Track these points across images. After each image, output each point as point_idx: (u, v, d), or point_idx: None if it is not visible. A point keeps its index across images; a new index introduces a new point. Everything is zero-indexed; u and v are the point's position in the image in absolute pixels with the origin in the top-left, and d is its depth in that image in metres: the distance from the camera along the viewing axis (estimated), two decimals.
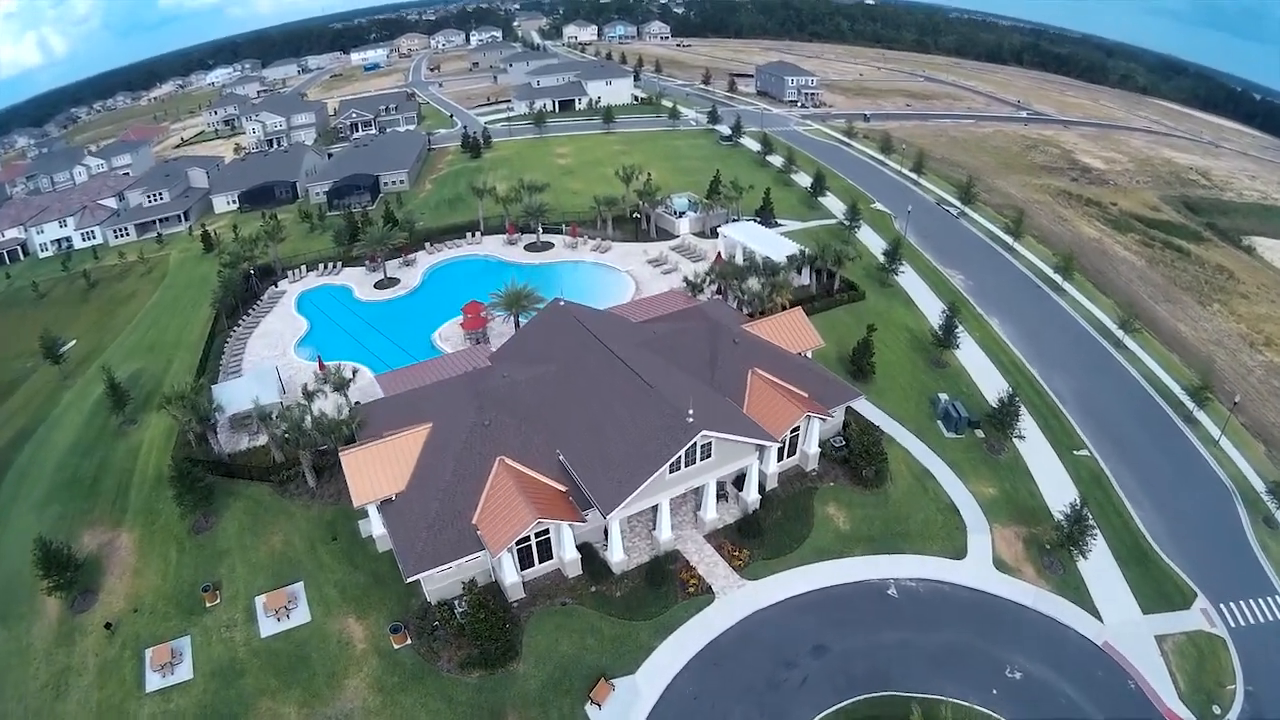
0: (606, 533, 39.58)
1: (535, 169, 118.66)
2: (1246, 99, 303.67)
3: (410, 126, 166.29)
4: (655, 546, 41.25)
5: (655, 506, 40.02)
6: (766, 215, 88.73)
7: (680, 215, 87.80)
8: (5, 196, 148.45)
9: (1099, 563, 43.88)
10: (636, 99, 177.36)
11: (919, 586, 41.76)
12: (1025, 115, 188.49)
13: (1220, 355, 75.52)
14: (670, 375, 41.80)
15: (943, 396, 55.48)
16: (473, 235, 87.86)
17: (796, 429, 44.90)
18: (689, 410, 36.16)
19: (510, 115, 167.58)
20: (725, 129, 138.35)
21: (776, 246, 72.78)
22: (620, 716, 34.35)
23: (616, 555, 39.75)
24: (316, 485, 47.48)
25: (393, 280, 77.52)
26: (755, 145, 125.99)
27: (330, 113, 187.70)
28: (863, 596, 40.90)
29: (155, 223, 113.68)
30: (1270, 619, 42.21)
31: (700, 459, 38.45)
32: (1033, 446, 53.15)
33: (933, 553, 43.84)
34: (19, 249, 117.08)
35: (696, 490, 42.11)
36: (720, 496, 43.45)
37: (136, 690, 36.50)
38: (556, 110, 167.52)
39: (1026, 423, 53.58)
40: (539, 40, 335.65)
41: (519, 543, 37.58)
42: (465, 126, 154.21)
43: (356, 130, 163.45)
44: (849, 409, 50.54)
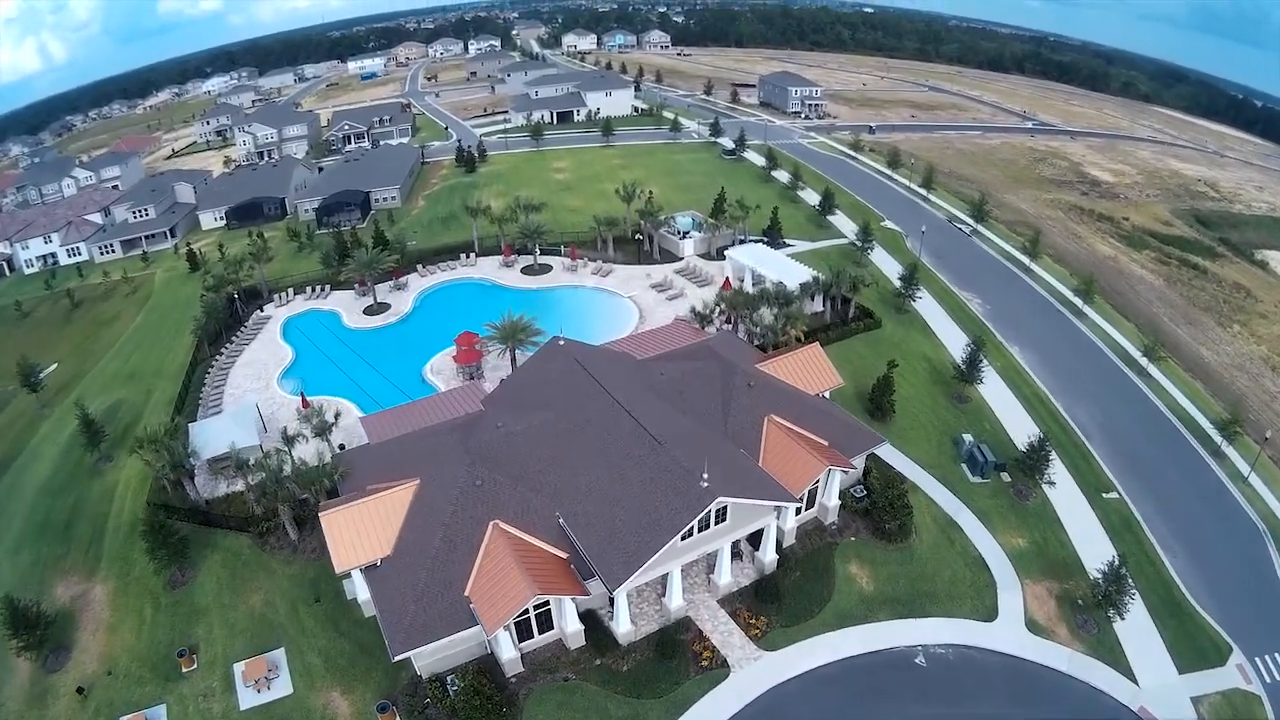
0: (612, 600, 36.24)
1: (532, 185, 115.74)
2: (1247, 106, 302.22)
3: (404, 139, 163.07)
4: (665, 614, 37.84)
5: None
6: (774, 235, 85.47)
7: (684, 236, 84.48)
8: None
9: (1133, 618, 40.90)
10: (637, 110, 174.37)
11: (949, 653, 38.57)
12: (1031, 126, 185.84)
13: (1242, 381, 72.80)
14: (680, 428, 38.48)
15: (967, 438, 52.17)
16: (467, 256, 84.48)
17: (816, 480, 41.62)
18: (703, 473, 32.80)
19: (507, 127, 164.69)
20: (728, 142, 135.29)
21: (788, 271, 69.58)
22: None
23: (623, 626, 36.36)
24: (298, 538, 44.37)
25: (383, 306, 74.15)
26: (759, 159, 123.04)
27: (323, 124, 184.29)
28: (890, 666, 37.71)
29: (141, 240, 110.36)
30: None
31: (715, 523, 35.12)
32: (1061, 489, 49.96)
33: (962, 614, 40.68)
34: (4, 265, 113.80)
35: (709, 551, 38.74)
36: (735, 555, 40.11)
37: None
38: (555, 122, 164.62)
39: (1054, 463, 50.37)
40: (538, 49, 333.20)
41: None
42: (460, 139, 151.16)
43: (349, 143, 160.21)
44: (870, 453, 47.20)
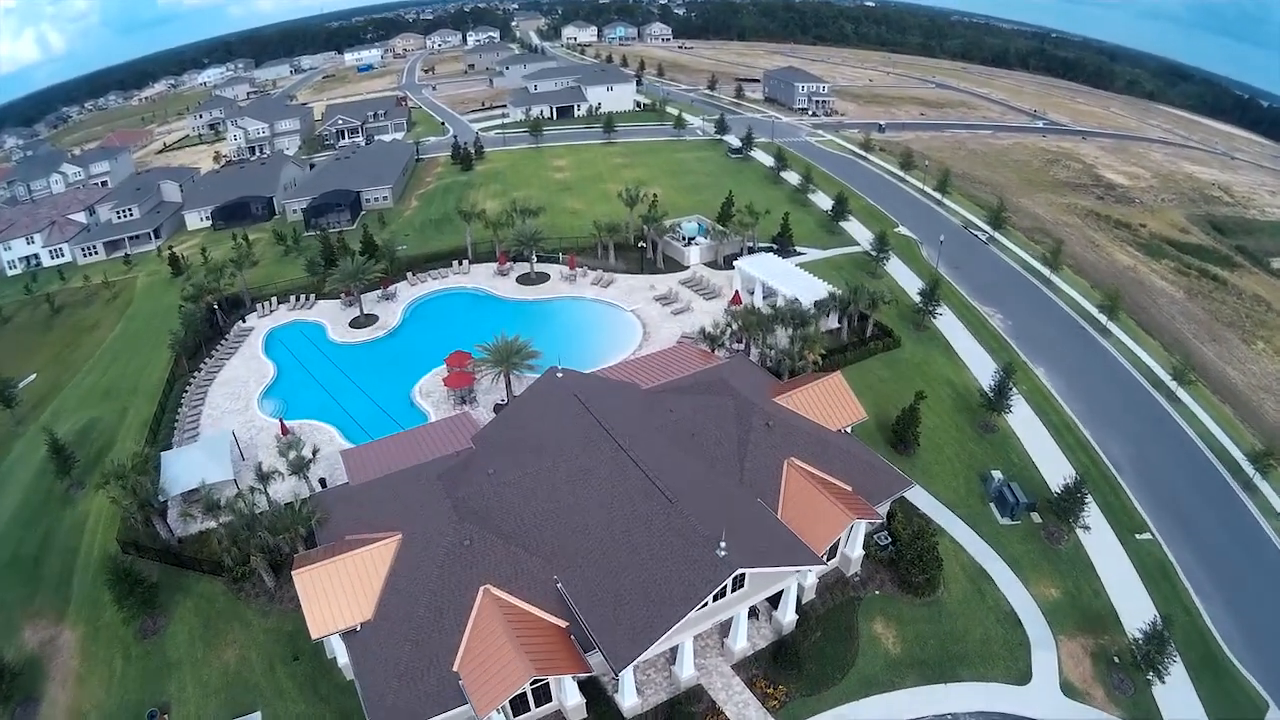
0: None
1: (530, 184, 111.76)
2: (1253, 106, 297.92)
3: (399, 134, 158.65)
4: (675, 684, 34.28)
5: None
6: (784, 243, 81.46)
7: (690, 243, 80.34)
8: None
9: (1170, 675, 37.66)
10: (639, 105, 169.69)
11: None
12: (1042, 126, 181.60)
13: (1270, 404, 69.50)
14: (693, 478, 34.82)
15: (996, 475, 48.51)
16: (460, 264, 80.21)
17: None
18: (720, 541, 29.17)
19: (505, 122, 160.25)
20: (735, 140, 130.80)
21: (802, 285, 65.31)
22: None
23: (629, 699, 32.84)
24: (275, 585, 40.84)
25: (370, 318, 70.10)
26: (767, 159, 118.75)
27: (317, 118, 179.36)
28: None
29: (125, 241, 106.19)
30: None
31: (732, 590, 31.53)
32: (1093, 530, 46.55)
33: (995, 678, 37.40)
34: None
35: None
36: (751, 614, 36.50)
37: None
38: (554, 117, 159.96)
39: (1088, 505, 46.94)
40: (537, 41, 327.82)
41: None
42: (456, 135, 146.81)
43: (343, 138, 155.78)
44: None
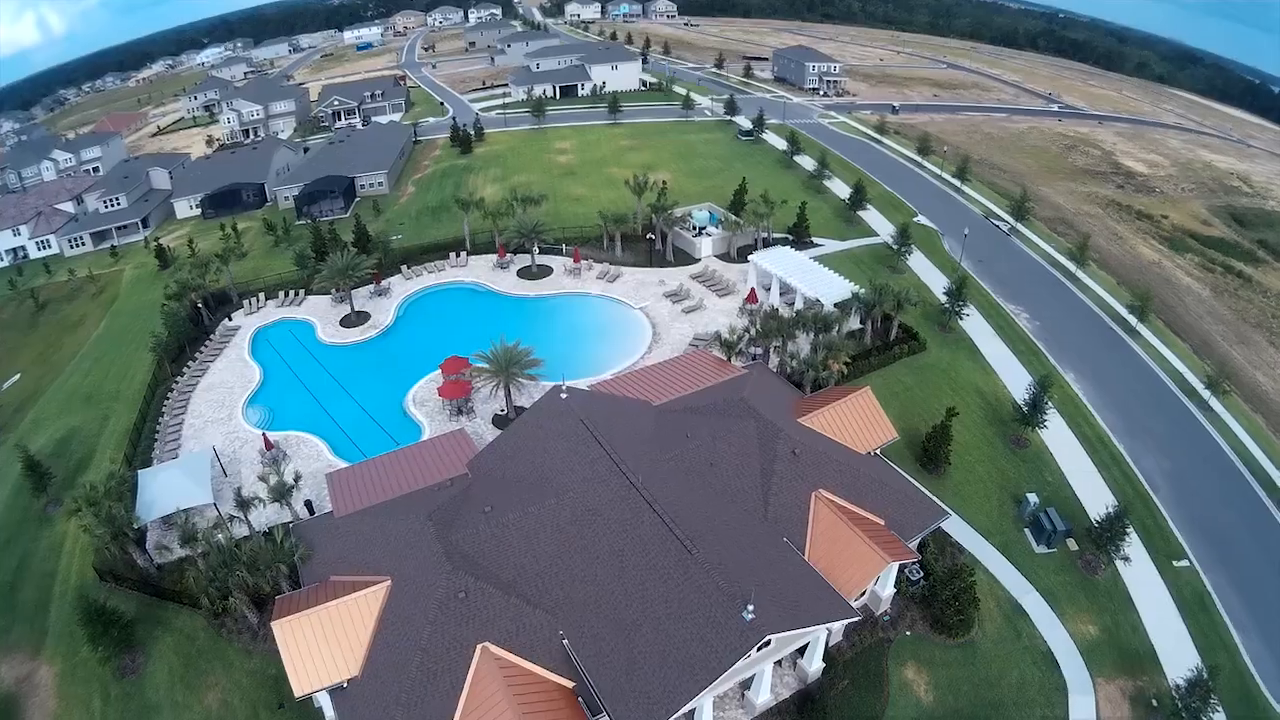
0: None
1: (532, 169, 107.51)
2: (1263, 91, 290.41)
3: (397, 115, 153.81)
4: None
5: None
6: (801, 235, 77.23)
7: (701, 233, 76.17)
8: None
9: None
10: (645, 85, 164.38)
11: None
12: (1058, 109, 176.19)
13: None
14: (712, 519, 31.53)
15: (1032, 498, 45.12)
16: (457, 255, 76.31)
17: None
18: (748, 604, 25.92)
19: (506, 102, 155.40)
20: (745, 122, 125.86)
21: (822, 283, 61.43)
22: None
23: None
24: (258, 622, 37.81)
25: (361, 315, 66.46)
26: (779, 142, 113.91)
27: (313, 99, 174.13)
28: None
29: (112, 231, 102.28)
30: None
31: (757, 650, 28.33)
32: (1131, 558, 43.29)
33: None
34: None
35: None
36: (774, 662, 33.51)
37: None
38: (557, 97, 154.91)
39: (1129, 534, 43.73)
40: (540, 18, 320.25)
41: None
42: (456, 116, 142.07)
43: (339, 119, 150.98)
44: None
